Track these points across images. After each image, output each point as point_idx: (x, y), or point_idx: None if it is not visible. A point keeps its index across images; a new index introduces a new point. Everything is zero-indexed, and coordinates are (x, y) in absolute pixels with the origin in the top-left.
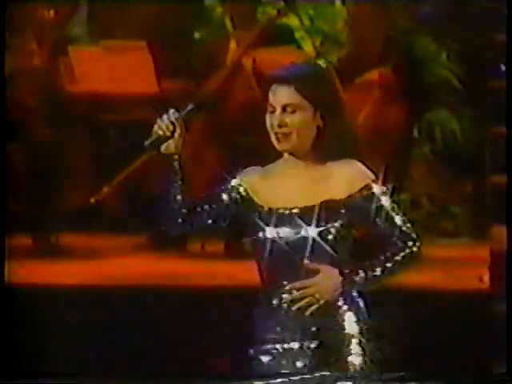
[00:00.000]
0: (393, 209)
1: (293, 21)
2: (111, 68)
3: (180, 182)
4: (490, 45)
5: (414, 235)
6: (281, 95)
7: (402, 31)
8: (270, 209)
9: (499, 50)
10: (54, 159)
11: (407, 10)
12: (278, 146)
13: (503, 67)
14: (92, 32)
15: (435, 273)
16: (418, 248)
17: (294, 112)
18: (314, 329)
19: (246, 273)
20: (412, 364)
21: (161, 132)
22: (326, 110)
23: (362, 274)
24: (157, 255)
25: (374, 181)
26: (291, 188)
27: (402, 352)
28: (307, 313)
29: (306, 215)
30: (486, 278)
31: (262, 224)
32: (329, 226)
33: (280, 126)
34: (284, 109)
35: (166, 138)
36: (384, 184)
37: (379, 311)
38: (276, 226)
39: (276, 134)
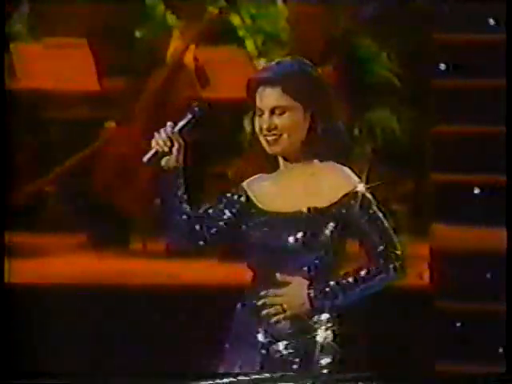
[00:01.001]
0: (378, 216)
1: (235, 20)
2: (52, 65)
3: (185, 196)
4: (430, 45)
5: (397, 249)
6: (268, 98)
7: (343, 31)
8: (260, 212)
9: (438, 50)
10: None
11: (349, 11)
12: (268, 150)
13: (443, 66)
14: (33, 29)
15: None
16: (400, 261)
17: (283, 113)
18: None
19: (187, 272)
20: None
21: (159, 148)
22: (316, 108)
23: (332, 284)
24: (98, 254)
25: (359, 185)
26: (280, 192)
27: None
28: (272, 320)
29: (292, 221)
30: (426, 275)
31: (249, 229)
32: (315, 231)
33: (269, 130)
34: (273, 111)
35: (165, 153)
36: (369, 190)
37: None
38: (263, 230)
39: (266, 137)
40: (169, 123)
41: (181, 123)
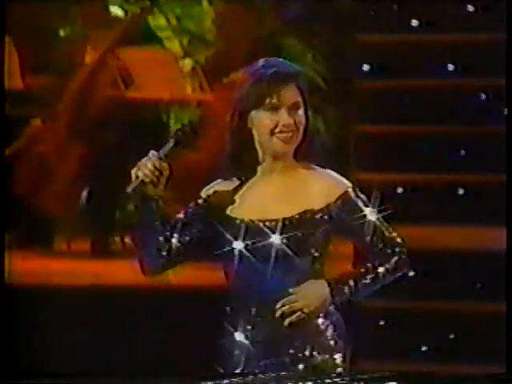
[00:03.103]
0: (372, 215)
1: (159, 20)
2: None
3: (159, 223)
4: (354, 45)
5: (399, 240)
6: (289, 93)
7: (269, 31)
8: (243, 220)
9: (363, 51)
10: None
11: (274, 11)
12: (282, 149)
13: (366, 67)
14: None
15: None
16: (405, 253)
17: (298, 110)
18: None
19: (112, 272)
20: None
21: (145, 178)
22: (309, 108)
23: (351, 283)
24: (22, 253)
25: (351, 188)
26: (267, 197)
27: None
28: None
29: (283, 226)
30: None
31: (231, 237)
32: (307, 236)
33: (288, 126)
34: (290, 108)
35: (150, 182)
36: (361, 191)
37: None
38: (248, 238)
39: (282, 134)
40: (152, 152)
41: (164, 149)
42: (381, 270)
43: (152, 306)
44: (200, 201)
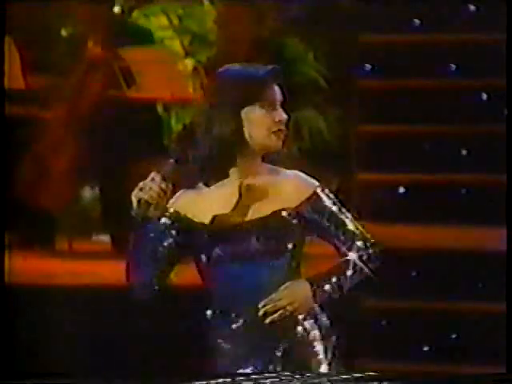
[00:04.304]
0: (342, 213)
1: (161, 20)
2: None
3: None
4: (356, 45)
5: (367, 235)
6: (278, 91)
7: (271, 31)
8: (214, 226)
9: (364, 51)
10: None
11: (276, 11)
12: (277, 145)
13: (368, 67)
14: None
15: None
16: (377, 247)
17: (283, 109)
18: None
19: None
20: None
21: (152, 200)
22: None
23: (333, 279)
24: (23, 253)
25: (319, 187)
26: (238, 199)
27: None
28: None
29: (255, 228)
30: None
31: (205, 244)
32: (282, 236)
33: (282, 123)
34: (280, 105)
35: (156, 203)
36: (329, 190)
37: None
38: (223, 243)
39: (279, 131)
40: (153, 173)
41: (165, 169)
42: (357, 261)
43: (152, 306)
44: (167, 213)
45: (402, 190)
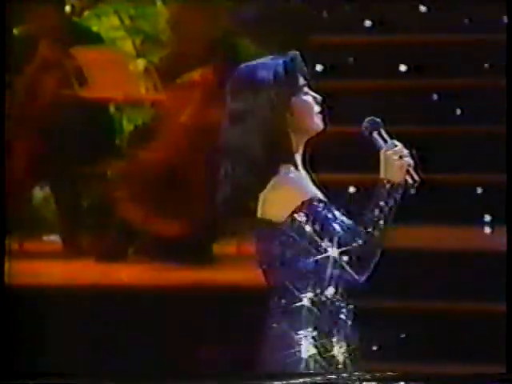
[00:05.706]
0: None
1: (112, 20)
2: None
3: None
4: (307, 46)
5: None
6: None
7: (223, 32)
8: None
9: (316, 51)
10: None
11: (229, 12)
12: (321, 125)
13: (319, 67)
14: None
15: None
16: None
17: None
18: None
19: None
20: None
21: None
22: None
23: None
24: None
25: (309, 199)
26: None
27: None
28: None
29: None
30: None
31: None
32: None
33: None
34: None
35: None
36: (318, 200)
37: None
38: None
39: (322, 111)
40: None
41: None
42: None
43: (152, 306)
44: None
45: (352, 189)
